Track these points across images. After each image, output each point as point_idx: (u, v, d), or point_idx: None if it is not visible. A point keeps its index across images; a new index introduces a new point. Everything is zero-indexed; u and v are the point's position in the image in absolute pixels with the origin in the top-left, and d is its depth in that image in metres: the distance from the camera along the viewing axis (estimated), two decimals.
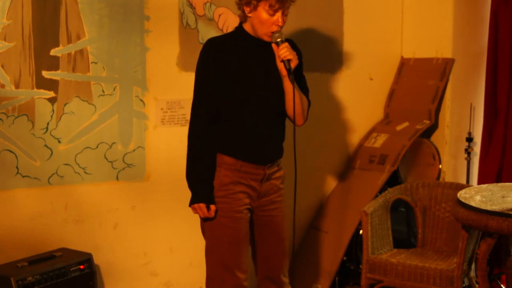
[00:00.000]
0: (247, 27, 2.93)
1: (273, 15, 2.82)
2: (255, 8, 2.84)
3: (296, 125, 3.04)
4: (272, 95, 2.93)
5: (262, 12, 2.83)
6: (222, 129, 2.92)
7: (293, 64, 2.86)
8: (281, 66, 2.88)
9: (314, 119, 4.28)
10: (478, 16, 4.43)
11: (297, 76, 2.95)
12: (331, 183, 4.46)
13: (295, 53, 2.89)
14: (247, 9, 2.87)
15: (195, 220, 3.03)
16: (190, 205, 2.93)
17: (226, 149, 2.92)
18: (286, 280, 3.13)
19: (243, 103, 2.89)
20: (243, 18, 2.94)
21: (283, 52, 2.85)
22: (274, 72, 2.91)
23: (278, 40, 2.86)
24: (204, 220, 2.97)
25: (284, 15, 2.86)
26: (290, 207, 3.09)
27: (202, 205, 2.90)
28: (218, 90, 2.88)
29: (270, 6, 2.80)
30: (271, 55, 2.91)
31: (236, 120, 2.91)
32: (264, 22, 2.84)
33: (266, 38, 2.89)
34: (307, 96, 3.05)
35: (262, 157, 2.93)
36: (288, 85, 2.90)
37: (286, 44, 2.87)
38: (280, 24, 2.84)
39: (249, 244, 3.03)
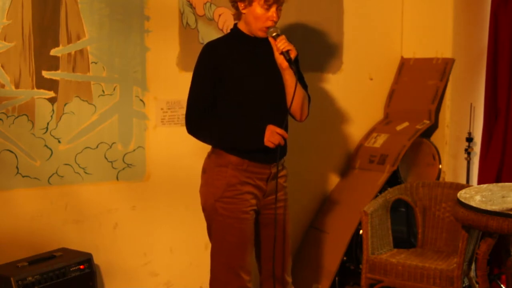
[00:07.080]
0: (241, 26, 2.94)
1: (268, 10, 2.82)
2: (250, 3, 2.84)
3: (297, 120, 3.03)
4: (273, 93, 2.93)
5: (257, 8, 2.82)
6: None
7: (292, 55, 2.84)
8: (280, 59, 2.85)
9: (314, 119, 4.28)
10: (478, 16, 4.42)
11: (295, 72, 2.92)
12: (331, 183, 4.46)
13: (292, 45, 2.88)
14: (241, 6, 2.87)
15: (195, 220, 3.03)
16: (264, 144, 2.85)
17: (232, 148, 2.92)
18: (289, 279, 3.14)
19: (245, 103, 2.89)
20: (237, 17, 2.94)
21: (282, 43, 2.83)
22: (273, 69, 2.91)
23: (274, 34, 2.85)
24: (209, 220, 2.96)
25: (278, 10, 2.85)
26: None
27: (271, 127, 2.86)
28: (214, 90, 2.87)
29: (265, 0, 2.80)
30: (268, 53, 2.90)
31: (240, 120, 2.90)
32: (259, 17, 2.84)
33: (261, 34, 2.88)
34: (307, 92, 3.04)
35: (267, 156, 2.92)
36: (288, 78, 2.89)
37: (284, 36, 2.86)
38: (275, 19, 2.84)
39: (253, 245, 3.02)
